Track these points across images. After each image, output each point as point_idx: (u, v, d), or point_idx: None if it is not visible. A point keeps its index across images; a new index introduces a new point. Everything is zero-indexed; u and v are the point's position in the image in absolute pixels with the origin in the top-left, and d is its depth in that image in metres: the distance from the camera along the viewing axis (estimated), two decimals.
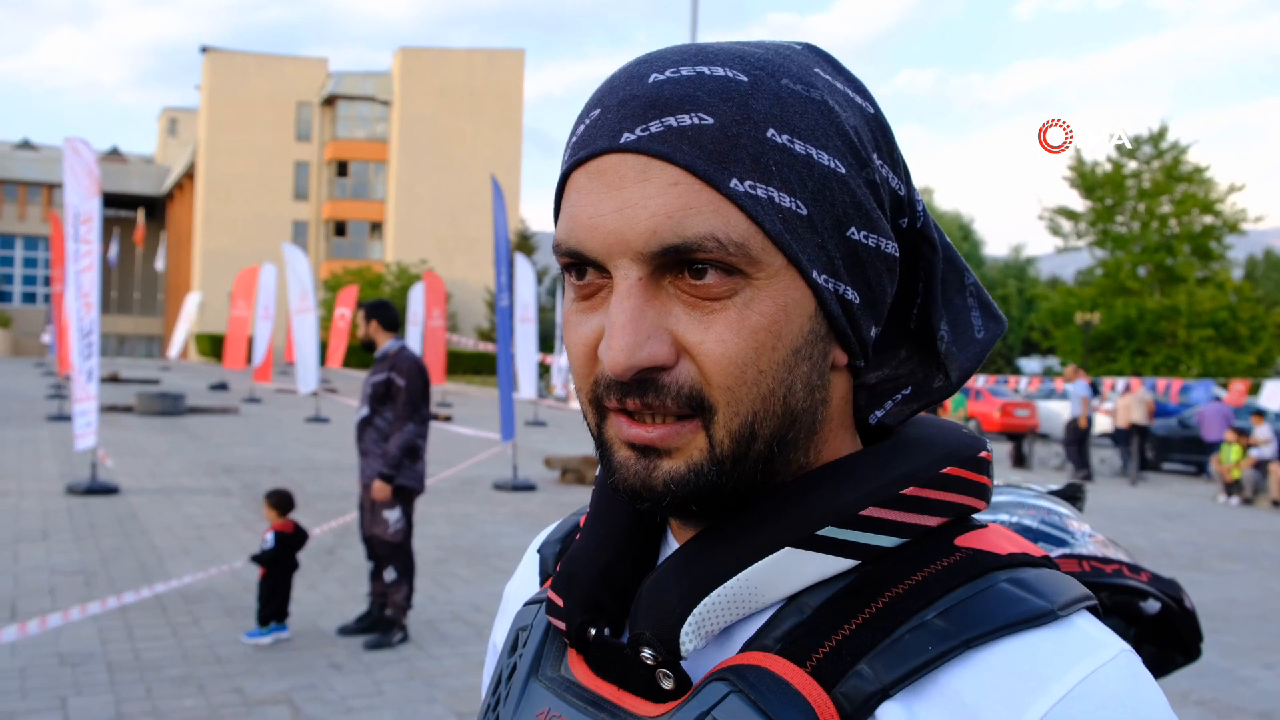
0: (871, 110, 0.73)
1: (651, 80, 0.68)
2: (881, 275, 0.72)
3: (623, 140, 0.67)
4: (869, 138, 0.72)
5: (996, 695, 0.62)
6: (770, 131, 0.67)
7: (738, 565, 0.69)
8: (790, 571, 0.68)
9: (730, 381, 0.67)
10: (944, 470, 0.71)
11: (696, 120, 0.66)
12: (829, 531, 0.68)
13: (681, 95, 0.67)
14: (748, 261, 0.66)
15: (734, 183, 0.65)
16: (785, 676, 0.65)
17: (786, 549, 0.68)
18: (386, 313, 6.73)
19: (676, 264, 0.67)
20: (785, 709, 0.64)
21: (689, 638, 0.69)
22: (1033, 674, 0.63)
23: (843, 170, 0.69)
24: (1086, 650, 0.64)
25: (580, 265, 0.70)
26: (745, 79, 0.68)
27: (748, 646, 0.68)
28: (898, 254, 0.74)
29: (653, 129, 0.66)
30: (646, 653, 0.70)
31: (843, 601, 0.67)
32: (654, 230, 0.65)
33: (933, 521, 0.70)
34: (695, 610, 0.69)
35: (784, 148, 0.67)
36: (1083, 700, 0.62)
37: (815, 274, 0.68)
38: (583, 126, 0.71)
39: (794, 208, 0.67)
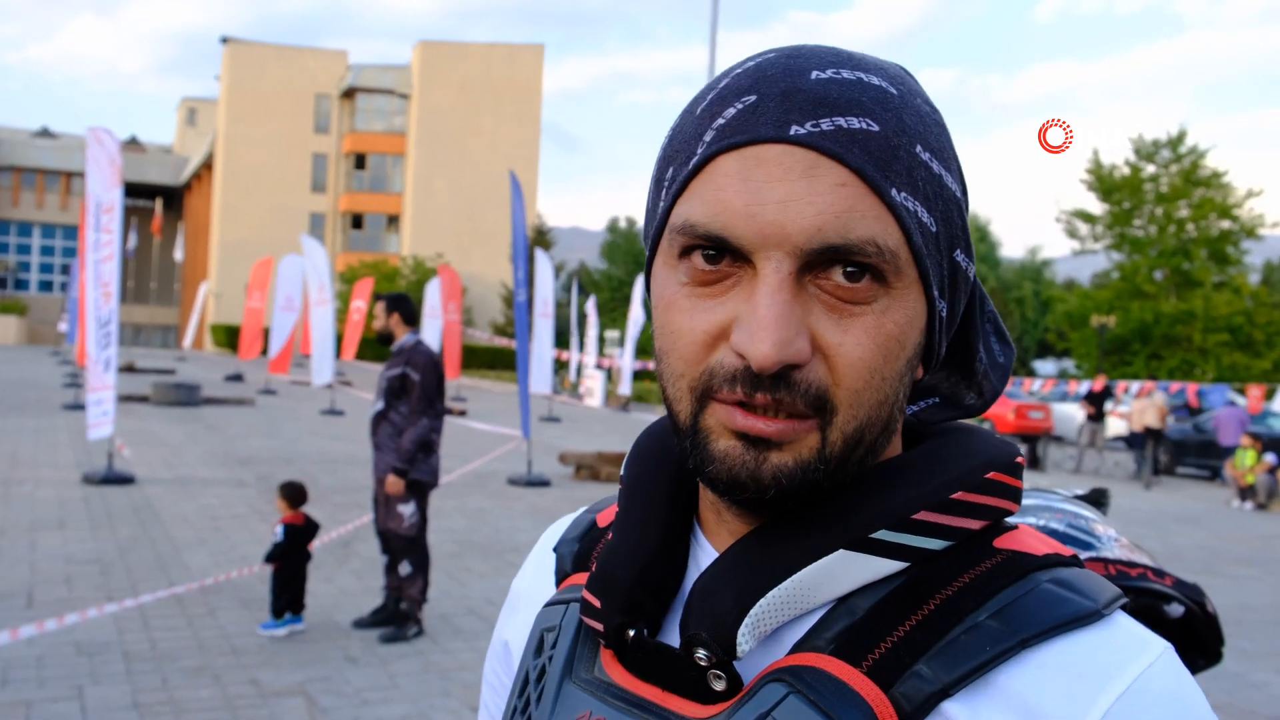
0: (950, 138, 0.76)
1: (814, 77, 0.68)
2: (962, 296, 0.75)
3: (791, 132, 0.66)
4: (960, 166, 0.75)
5: (1058, 694, 0.64)
6: (918, 147, 0.68)
7: (793, 566, 0.69)
8: (843, 573, 0.69)
9: (859, 385, 0.68)
10: (988, 475, 0.73)
11: (865, 125, 0.67)
12: (882, 534, 0.69)
13: (848, 98, 0.67)
14: (893, 271, 0.67)
15: (894, 192, 0.67)
16: (842, 677, 0.65)
17: (841, 551, 0.69)
18: (408, 306, 6.77)
19: (825, 264, 0.67)
20: (845, 709, 0.64)
21: (745, 639, 0.69)
22: (1091, 673, 0.64)
23: (959, 195, 0.72)
24: (1137, 649, 0.66)
25: (710, 249, 0.69)
26: (895, 92, 0.69)
27: (798, 647, 0.69)
28: (974, 277, 0.77)
29: (824, 126, 0.66)
30: (701, 653, 0.70)
31: (895, 603, 0.68)
32: (819, 228, 0.65)
33: (976, 525, 0.71)
34: (752, 610, 0.69)
35: (927, 165, 0.69)
36: (1140, 696, 0.64)
37: (933, 289, 0.70)
38: (733, 110, 0.69)
39: (930, 225, 0.69)
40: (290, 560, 6.64)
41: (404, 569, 6.66)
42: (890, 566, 0.69)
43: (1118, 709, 0.63)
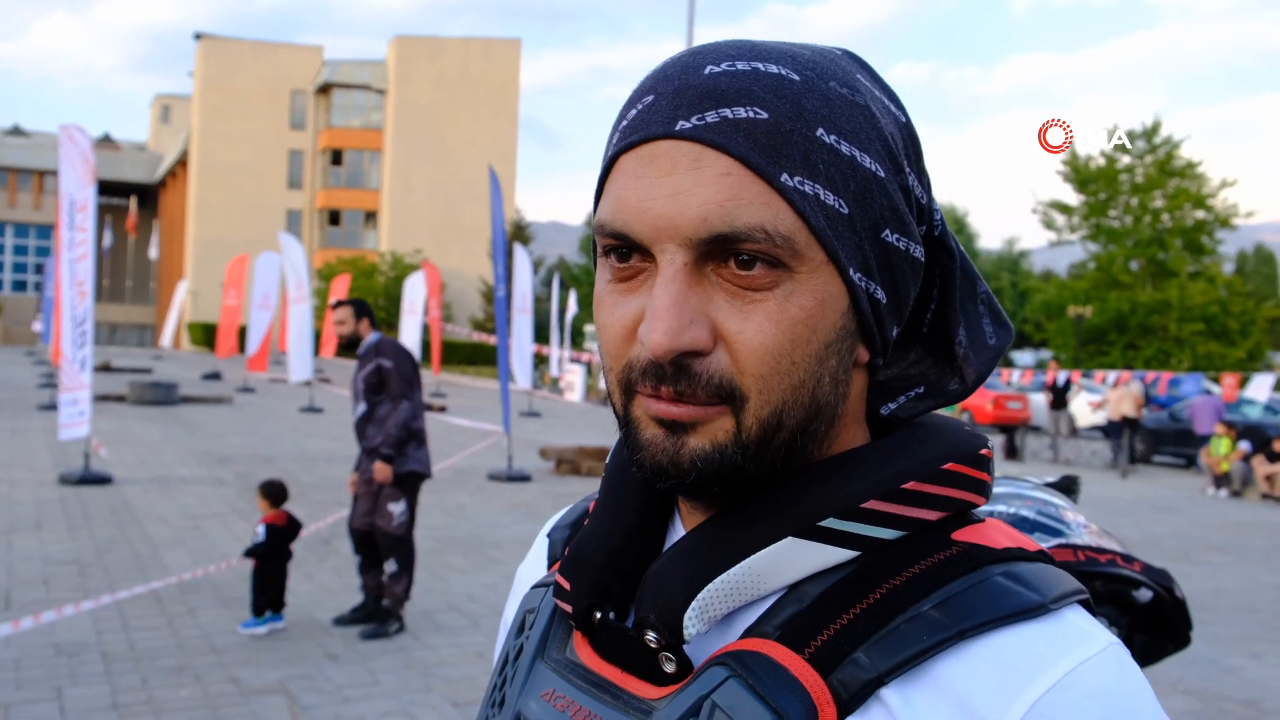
0: (904, 119, 0.75)
1: (707, 71, 0.69)
2: (907, 278, 0.75)
3: (678, 128, 0.68)
4: (901, 146, 0.74)
5: (988, 685, 0.64)
6: (820, 130, 0.69)
7: (742, 553, 0.70)
8: (792, 560, 0.70)
9: (765, 370, 0.68)
10: (945, 466, 0.73)
11: (752, 114, 0.67)
12: (831, 523, 0.70)
13: (738, 88, 0.68)
14: (791, 255, 0.67)
15: (784, 177, 0.67)
16: (783, 663, 0.66)
17: (789, 538, 0.70)
18: (371, 310, 6.94)
19: (721, 253, 0.68)
20: (782, 694, 0.65)
21: (692, 622, 0.70)
22: (1023, 665, 0.64)
23: (882, 174, 0.71)
24: (1075, 643, 0.66)
25: (622, 248, 0.71)
26: (797, 78, 0.69)
27: (749, 633, 0.70)
28: (924, 259, 0.76)
29: (708, 119, 0.68)
30: (650, 636, 0.71)
31: (841, 591, 0.69)
32: (705, 218, 0.67)
33: (932, 515, 0.71)
34: (699, 596, 0.70)
35: (831, 147, 0.69)
36: (1069, 691, 0.63)
37: (852, 272, 0.70)
38: (634, 111, 0.72)
39: (837, 206, 0.69)
40: (271, 559, 6.62)
41: (390, 567, 6.65)
42: (839, 555, 0.70)
43: (1045, 702, 0.63)
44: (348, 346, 6.86)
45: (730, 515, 0.73)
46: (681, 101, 0.69)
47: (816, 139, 0.68)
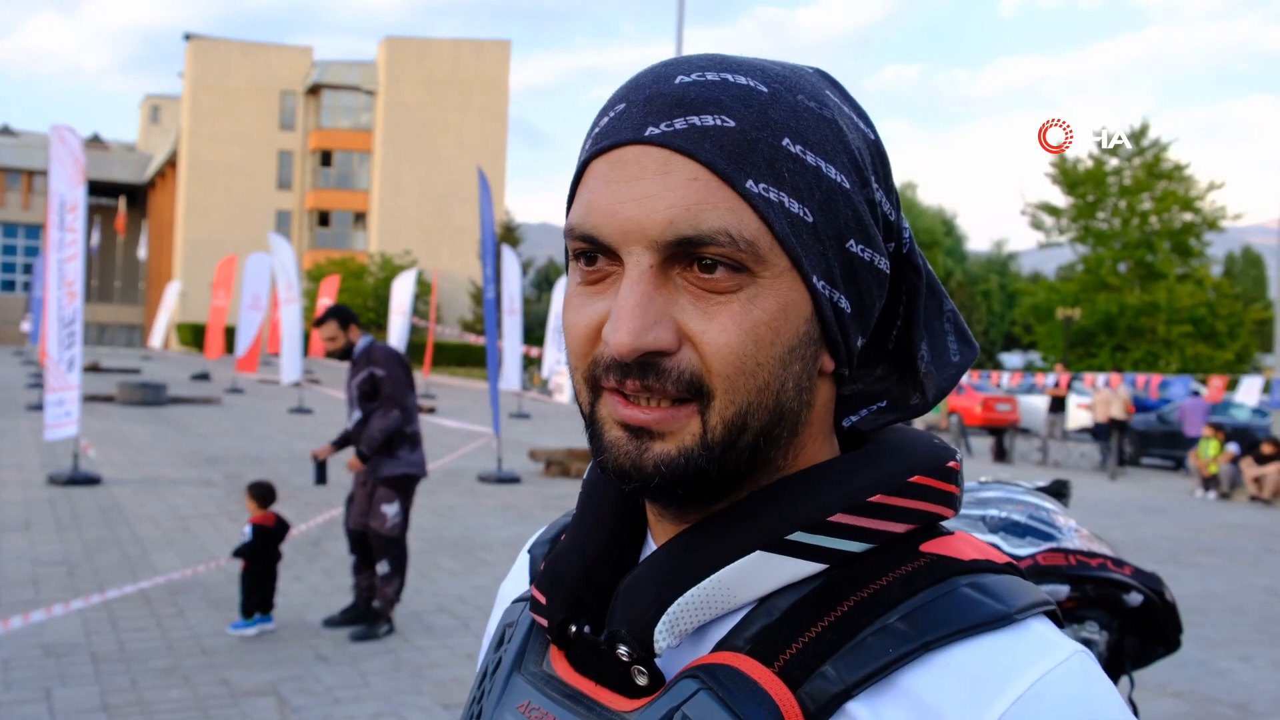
0: (873, 136, 0.77)
1: (678, 81, 0.71)
2: (872, 289, 0.76)
3: (647, 134, 0.70)
4: (869, 161, 0.75)
5: (956, 696, 0.65)
6: (785, 140, 0.70)
7: (711, 567, 0.71)
8: (761, 574, 0.71)
9: (730, 370, 0.69)
10: (912, 479, 0.73)
11: (719, 122, 0.69)
12: (799, 536, 0.71)
13: (706, 97, 0.70)
14: (755, 260, 0.69)
15: (749, 184, 0.69)
16: (753, 676, 0.67)
17: (758, 552, 0.71)
18: (355, 315, 6.90)
19: (687, 256, 0.69)
20: (752, 707, 0.66)
21: (662, 636, 0.71)
22: (990, 676, 0.65)
23: (847, 186, 0.73)
24: (1041, 652, 0.67)
25: (591, 251, 0.72)
26: (765, 90, 0.71)
27: (719, 646, 0.70)
28: (889, 271, 0.77)
29: (677, 125, 0.69)
30: (622, 649, 0.72)
31: (810, 604, 0.70)
32: (671, 221, 0.68)
33: (899, 528, 0.72)
34: (669, 610, 0.71)
35: (797, 157, 0.70)
36: (1038, 700, 0.64)
37: (815, 279, 0.71)
38: (606, 119, 0.73)
39: (801, 214, 0.70)
40: (260, 560, 6.61)
41: (382, 568, 6.65)
42: (808, 568, 0.71)
43: (1013, 712, 0.63)
44: (341, 357, 6.80)
45: (700, 529, 0.74)
46: (651, 109, 0.71)
47: (782, 148, 0.70)
